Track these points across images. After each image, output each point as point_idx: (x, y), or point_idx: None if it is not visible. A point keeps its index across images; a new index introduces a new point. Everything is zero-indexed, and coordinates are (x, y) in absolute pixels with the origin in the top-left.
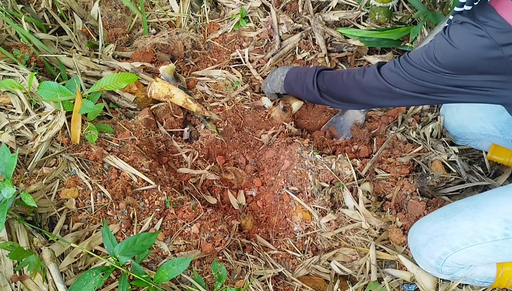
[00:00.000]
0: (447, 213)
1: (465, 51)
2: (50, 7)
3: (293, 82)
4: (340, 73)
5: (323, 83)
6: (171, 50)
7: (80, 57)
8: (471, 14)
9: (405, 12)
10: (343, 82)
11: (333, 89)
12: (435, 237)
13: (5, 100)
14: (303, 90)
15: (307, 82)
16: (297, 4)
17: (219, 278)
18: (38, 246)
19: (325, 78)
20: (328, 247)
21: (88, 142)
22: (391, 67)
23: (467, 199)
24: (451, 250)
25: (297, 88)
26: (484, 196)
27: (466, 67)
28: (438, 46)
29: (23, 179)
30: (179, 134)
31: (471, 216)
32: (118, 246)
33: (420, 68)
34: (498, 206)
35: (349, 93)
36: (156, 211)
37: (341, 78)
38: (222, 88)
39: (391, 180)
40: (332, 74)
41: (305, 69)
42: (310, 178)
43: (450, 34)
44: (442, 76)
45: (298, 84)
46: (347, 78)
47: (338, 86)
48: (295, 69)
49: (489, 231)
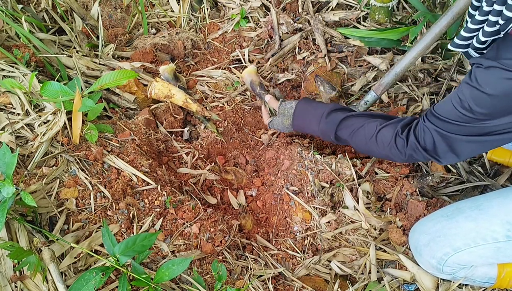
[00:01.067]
0: (450, 214)
1: (501, 97)
2: (50, 7)
3: (303, 124)
4: (362, 132)
5: (342, 133)
6: (171, 50)
7: (80, 57)
8: (494, 51)
9: (405, 12)
10: (366, 143)
11: (354, 145)
12: (437, 237)
13: (5, 100)
14: (317, 132)
15: (321, 127)
16: (297, 4)
17: (219, 278)
18: (38, 246)
19: (342, 129)
20: (328, 247)
21: (88, 142)
22: (420, 132)
23: (469, 199)
24: (453, 250)
25: (309, 129)
26: (487, 197)
27: (504, 109)
28: (470, 97)
29: (23, 178)
30: (179, 134)
31: (473, 217)
32: (118, 246)
33: (455, 122)
34: (501, 207)
35: (377, 155)
36: (156, 211)
37: (363, 137)
38: (222, 88)
39: (391, 180)
40: (350, 126)
41: (313, 113)
42: (310, 178)
43: (480, 82)
44: (483, 123)
45: (310, 125)
46: (370, 138)
47: (360, 144)
48: (303, 108)
49: (491, 233)
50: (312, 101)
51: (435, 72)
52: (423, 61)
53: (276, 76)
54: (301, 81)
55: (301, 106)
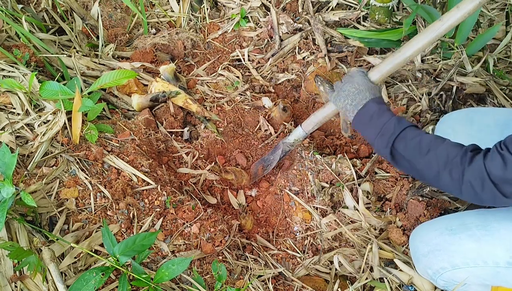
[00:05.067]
0: (454, 228)
1: None
2: (50, 7)
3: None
4: (426, 140)
5: (403, 150)
6: (171, 50)
7: (80, 57)
8: None
9: (405, 12)
10: (423, 154)
11: (407, 153)
12: (437, 250)
13: (5, 100)
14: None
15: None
16: (297, 4)
17: (219, 278)
18: (38, 246)
19: (408, 146)
20: (328, 247)
21: (88, 142)
22: (493, 156)
23: (477, 214)
24: (451, 266)
25: (369, 134)
26: (497, 217)
27: None
28: None
29: (23, 178)
30: (179, 134)
31: (477, 237)
32: (118, 246)
33: None
34: (509, 232)
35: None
36: (156, 211)
37: (426, 145)
38: (222, 88)
39: (391, 180)
40: (415, 135)
41: (385, 118)
42: (310, 178)
43: None
44: None
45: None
46: (431, 150)
47: (413, 154)
48: (373, 109)
49: (492, 256)
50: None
51: (434, 72)
52: (423, 61)
53: (276, 76)
54: (301, 81)
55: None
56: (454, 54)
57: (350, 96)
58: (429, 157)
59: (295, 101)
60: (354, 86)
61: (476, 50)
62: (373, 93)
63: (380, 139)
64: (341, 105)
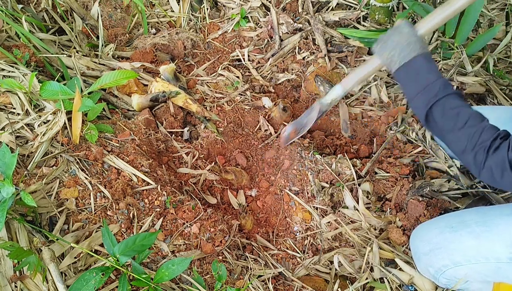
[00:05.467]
0: (454, 225)
1: None
2: (50, 7)
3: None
4: (464, 114)
5: (439, 117)
6: (171, 50)
7: (80, 57)
8: None
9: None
10: (457, 129)
11: (440, 122)
12: (438, 248)
13: (5, 100)
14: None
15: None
16: (297, 4)
17: (219, 278)
18: (38, 246)
19: (446, 113)
20: (328, 247)
21: (88, 142)
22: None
23: (477, 211)
24: (453, 264)
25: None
26: (496, 213)
27: None
28: None
29: (23, 178)
30: (179, 134)
31: (477, 234)
32: (118, 246)
33: None
34: (508, 227)
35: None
36: (156, 211)
37: (463, 120)
38: (222, 88)
39: (391, 180)
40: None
41: (433, 77)
42: (310, 178)
43: None
44: None
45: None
46: (468, 126)
47: (447, 125)
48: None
49: (493, 253)
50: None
51: None
52: None
53: (276, 76)
54: (301, 81)
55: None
56: (454, 54)
57: (398, 47)
58: (461, 134)
59: (295, 101)
60: (404, 37)
61: (476, 50)
62: (423, 47)
63: (421, 98)
64: (387, 56)
